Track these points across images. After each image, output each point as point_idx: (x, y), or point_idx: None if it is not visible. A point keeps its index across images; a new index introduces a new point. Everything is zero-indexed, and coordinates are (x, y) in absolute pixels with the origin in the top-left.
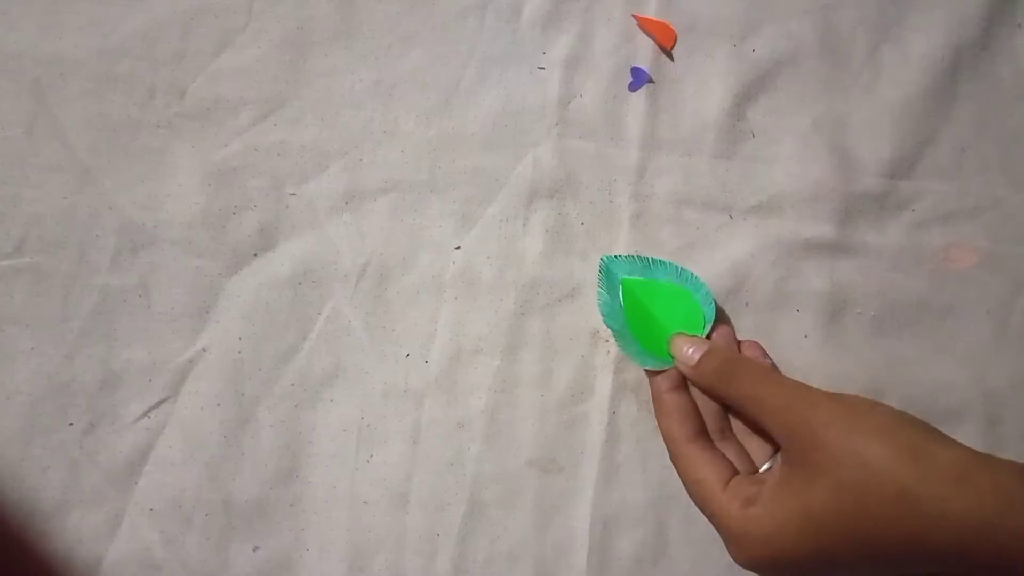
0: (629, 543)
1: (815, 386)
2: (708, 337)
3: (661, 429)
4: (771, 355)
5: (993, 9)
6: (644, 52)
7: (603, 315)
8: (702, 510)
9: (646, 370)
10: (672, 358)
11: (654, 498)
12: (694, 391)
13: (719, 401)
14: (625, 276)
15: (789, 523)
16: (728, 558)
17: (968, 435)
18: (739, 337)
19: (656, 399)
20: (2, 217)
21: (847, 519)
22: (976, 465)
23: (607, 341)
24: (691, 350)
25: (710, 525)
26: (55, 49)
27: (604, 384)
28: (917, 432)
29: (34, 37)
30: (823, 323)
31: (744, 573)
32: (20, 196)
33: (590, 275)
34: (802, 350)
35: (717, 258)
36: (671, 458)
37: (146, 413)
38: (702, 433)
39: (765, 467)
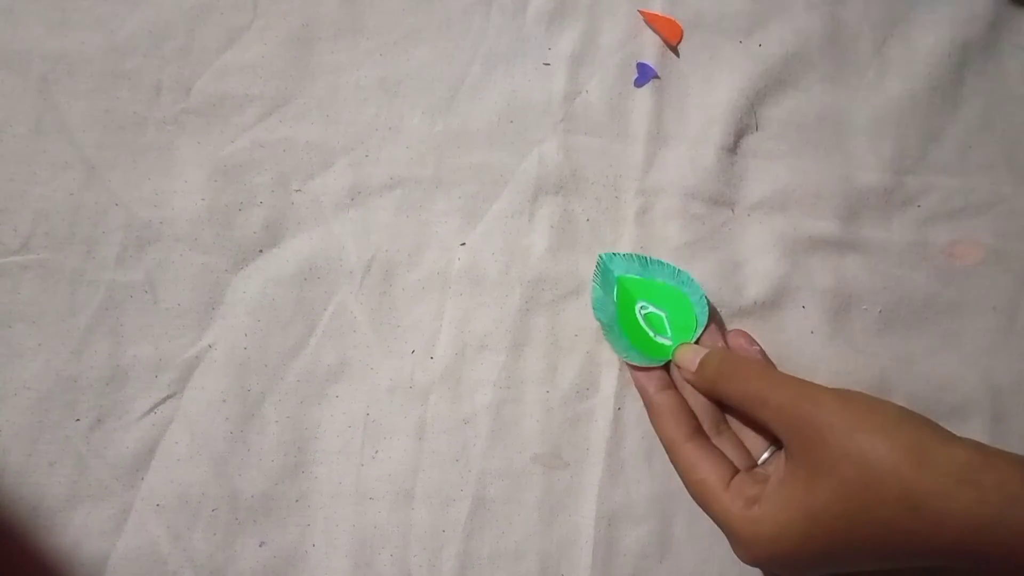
0: (634, 539)
1: (820, 382)
2: (698, 341)
3: (657, 431)
4: (776, 352)
5: (1000, 5)
6: (650, 48)
7: (594, 308)
8: (705, 510)
9: (632, 372)
10: (657, 356)
11: (659, 494)
12: (685, 390)
13: (721, 402)
14: (622, 274)
15: (792, 523)
16: (733, 554)
17: (973, 431)
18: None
19: (647, 402)
20: (9, 213)
21: (850, 520)
22: (979, 463)
23: None
24: (692, 356)
25: None
26: (62, 46)
27: (609, 380)
28: (920, 431)
29: (41, 34)
30: (829, 319)
31: (750, 571)
32: (27, 192)
33: None
34: (808, 346)
35: (722, 254)
36: (670, 459)
37: (152, 409)
38: (698, 431)
39: (764, 457)
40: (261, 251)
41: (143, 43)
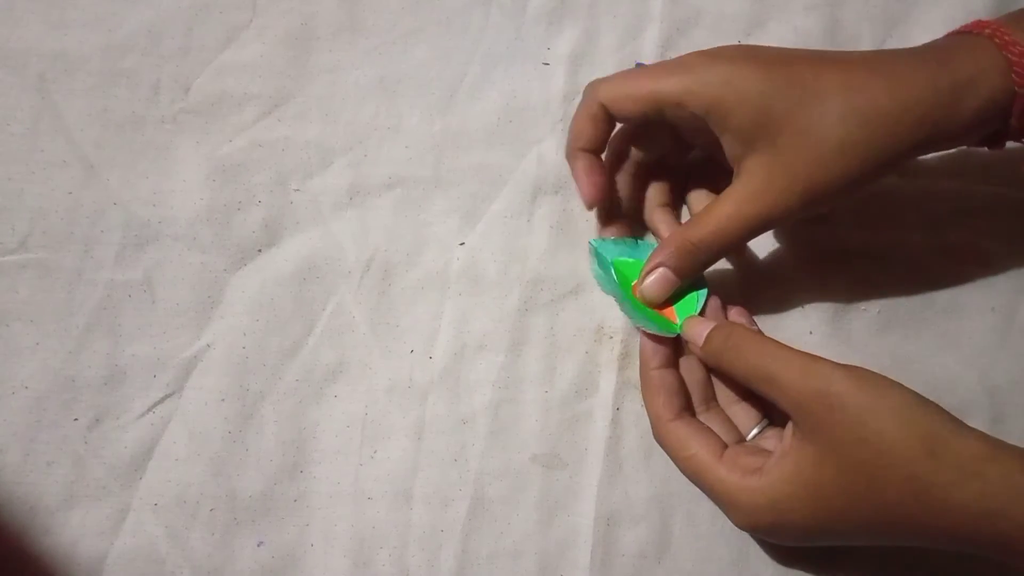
0: (633, 539)
1: None
2: (702, 313)
3: (647, 405)
4: None
5: (999, 5)
6: (649, 48)
7: (601, 286)
8: (696, 483)
9: (641, 340)
10: (668, 329)
11: (658, 494)
12: (682, 362)
13: (728, 376)
14: (616, 258)
15: (796, 495)
16: (732, 554)
17: None
18: None
19: (644, 375)
20: (7, 212)
21: (855, 498)
22: (987, 455)
23: (611, 338)
24: (699, 330)
25: (714, 521)
26: (60, 45)
27: (608, 381)
28: (933, 418)
29: (39, 33)
30: (828, 319)
31: (750, 564)
32: (25, 191)
33: None
34: (806, 347)
35: None
36: (656, 435)
37: (150, 408)
38: (687, 410)
39: (754, 432)
40: (260, 251)
41: (141, 42)
